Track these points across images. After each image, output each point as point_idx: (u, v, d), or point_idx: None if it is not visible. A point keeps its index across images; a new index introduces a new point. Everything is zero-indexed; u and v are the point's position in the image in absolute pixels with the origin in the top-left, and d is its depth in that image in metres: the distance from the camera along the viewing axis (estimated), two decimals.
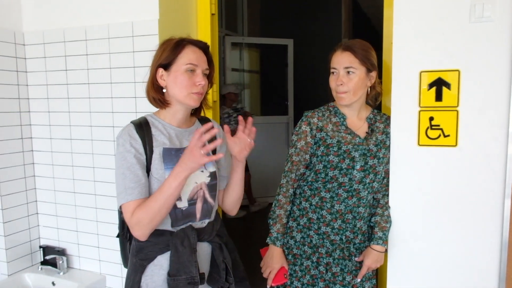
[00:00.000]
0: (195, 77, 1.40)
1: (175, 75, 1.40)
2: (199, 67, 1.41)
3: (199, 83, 1.39)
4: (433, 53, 1.59)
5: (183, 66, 1.39)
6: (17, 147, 2.28)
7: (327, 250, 1.69)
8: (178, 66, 1.39)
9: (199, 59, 1.42)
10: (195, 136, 1.24)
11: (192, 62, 1.39)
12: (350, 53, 1.62)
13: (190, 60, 1.39)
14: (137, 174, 1.34)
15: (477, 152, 1.56)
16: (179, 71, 1.39)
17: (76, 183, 2.28)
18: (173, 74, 1.40)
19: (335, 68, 1.65)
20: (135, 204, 1.32)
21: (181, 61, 1.39)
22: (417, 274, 1.69)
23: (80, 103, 2.21)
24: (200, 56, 1.43)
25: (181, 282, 1.36)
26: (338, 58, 1.64)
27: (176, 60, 1.39)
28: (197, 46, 1.44)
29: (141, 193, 1.33)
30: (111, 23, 2.08)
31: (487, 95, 1.54)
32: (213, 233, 1.49)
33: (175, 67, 1.40)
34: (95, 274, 2.27)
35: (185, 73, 1.39)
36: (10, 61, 2.23)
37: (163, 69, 1.42)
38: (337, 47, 1.68)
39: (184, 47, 1.40)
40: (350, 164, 1.62)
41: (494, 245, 1.57)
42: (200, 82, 1.40)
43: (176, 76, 1.39)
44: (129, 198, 1.32)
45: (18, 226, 2.30)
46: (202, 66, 1.42)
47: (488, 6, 1.50)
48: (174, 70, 1.40)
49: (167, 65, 1.41)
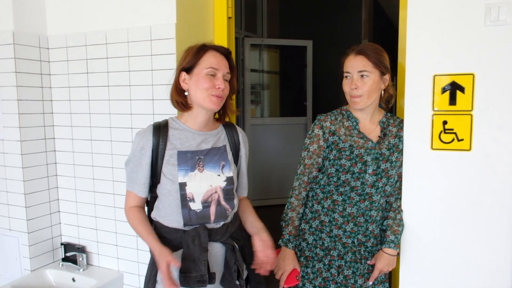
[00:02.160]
0: (215, 80, 1.45)
1: (196, 78, 1.45)
2: (220, 71, 1.46)
3: (218, 86, 1.44)
4: (447, 56, 1.58)
5: (204, 69, 1.44)
6: (40, 147, 2.36)
7: (339, 253, 1.69)
8: (200, 69, 1.44)
9: (220, 63, 1.46)
10: (166, 268, 1.35)
11: (212, 66, 1.44)
12: (363, 57, 1.63)
13: (211, 64, 1.44)
14: (138, 175, 1.50)
15: (490, 155, 1.55)
16: (200, 74, 1.44)
17: (96, 182, 2.35)
18: (195, 77, 1.45)
19: (348, 72, 1.65)
20: (133, 197, 1.53)
21: (203, 65, 1.44)
22: (429, 278, 1.68)
23: (100, 105, 2.28)
24: (221, 60, 1.48)
25: (191, 279, 1.40)
26: (351, 62, 1.65)
27: (198, 64, 1.45)
28: (219, 51, 1.49)
29: (139, 191, 1.53)
30: (130, 27, 2.14)
31: (501, 100, 1.52)
32: (226, 235, 1.52)
33: (197, 71, 1.45)
34: (113, 272, 2.33)
35: (206, 76, 1.44)
36: (34, 64, 2.31)
37: (185, 72, 1.47)
38: (350, 51, 1.68)
39: (206, 52, 1.46)
40: (362, 168, 1.63)
41: (507, 248, 1.55)
42: (219, 86, 1.44)
43: (198, 79, 1.45)
44: (130, 189, 1.53)
45: (40, 224, 2.38)
46: (223, 70, 1.47)
47: (504, 9, 1.48)
48: (195, 73, 1.45)
49: (190, 68, 1.46)
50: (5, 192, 2.34)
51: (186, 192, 1.45)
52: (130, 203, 1.54)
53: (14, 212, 2.33)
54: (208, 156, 1.50)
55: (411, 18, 1.63)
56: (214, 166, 1.50)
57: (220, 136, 1.56)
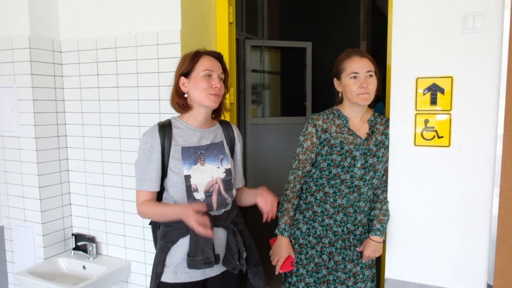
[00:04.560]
0: (211, 80, 1.60)
1: (194, 80, 1.61)
2: (215, 72, 1.62)
3: (215, 86, 1.60)
4: (428, 61, 1.73)
5: (201, 72, 1.60)
6: (53, 144, 2.52)
7: (330, 241, 1.85)
8: (197, 73, 1.60)
9: (214, 65, 1.63)
10: (197, 209, 1.49)
11: (208, 68, 1.60)
12: (367, 59, 1.78)
13: (206, 67, 1.60)
14: (148, 171, 1.62)
15: (468, 152, 1.70)
16: (198, 77, 1.60)
17: (105, 177, 2.50)
18: (193, 80, 1.61)
19: (357, 73, 1.75)
20: (145, 194, 1.64)
21: (199, 68, 1.60)
22: (412, 264, 1.83)
23: (109, 104, 2.44)
24: (214, 63, 1.64)
25: (198, 262, 1.56)
26: (358, 64, 1.76)
27: (195, 68, 1.61)
28: (212, 55, 1.65)
29: (150, 186, 1.63)
30: (138, 33, 2.29)
31: (477, 100, 1.67)
32: (228, 221, 1.68)
33: (194, 74, 1.61)
34: (121, 260, 2.49)
35: (203, 78, 1.59)
36: (48, 67, 2.47)
37: (184, 77, 1.63)
38: (351, 54, 1.79)
39: (200, 57, 1.62)
40: (352, 162, 1.78)
41: (484, 239, 1.70)
42: (216, 85, 1.60)
43: (196, 81, 1.60)
44: (140, 187, 1.64)
45: (53, 215, 2.54)
46: (217, 71, 1.63)
47: (479, 18, 1.63)
48: (193, 76, 1.61)
49: (187, 73, 1.62)
50: (21, 186, 2.51)
51: (191, 184, 1.61)
52: (142, 200, 1.66)
53: (29, 204, 2.49)
54: (208, 151, 1.66)
55: (396, 25, 1.78)
56: (214, 160, 1.66)
57: (218, 132, 1.72)
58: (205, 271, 1.64)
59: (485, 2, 1.62)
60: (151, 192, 1.66)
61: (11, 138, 2.49)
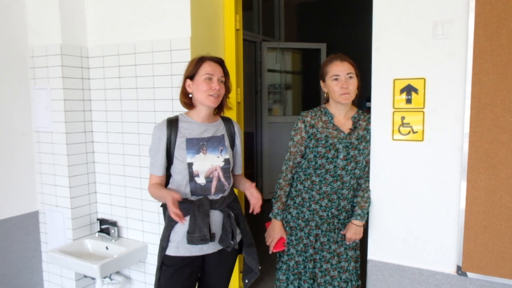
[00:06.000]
0: (211, 83, 1.86)
1: (197, 83, 1.87)
2: (215, 76, 1.87)
3: (214, 88, 1.86)
4: (403, 64, 1.93)
5: (202, 76, 1.86)
6: (81, 139, 2.85)
7: (317, 224, 2.08)
8: (199, 76, 1.87)
9: (215, 70, 1.88)
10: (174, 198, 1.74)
11: (208, 73, 1.86)
12: (347, 63, 2.01)
13: (207, 71, 1.86)
14: (157, 158, 1.91)
15: (439, 145, 1.89)
16: (200, 80, 1.86)
17: (126, 168, 2.81)
18: (196, 82, 1.88)
19: (338, 75, 1.99)
20: (154, 177, 1.93)
21: (201, 72, 1.86)
22: (391, 247, 2.03)
23: (129, 104, 2.74)
24: (215, 68, 1.89)
25: (196, 238, 1.82)
26: (339, 67, 2.00)
27: (198, 72, 1.87)
28: (213, 61, 1.91)
29: (159, 171, 1.92)
30: (154, 40, 2.58)
31: (446, 99, 1.86)
32: (223, 204, 1.93)
33: (197, 77, 1.87)
34: (139, 242, 2.79)
35: (204, 81, 1.86)
36: (77, 71, 2.80)
37: (189, 79, 1.90)
38: (332, 59, 2.04)
39: (203, 62, 1.88)
40: (335, 154, 2.01)
41: (453, 225, 1.89)
42: (215, 87, 1.86)
43: (198, 83, 1.87)
44: (151, 172, 1.93)
45: (81, 202, 2.87)
46: (217, 75, 1.88)
47: (447, 25, 1.83)
48: (196, 79, 1.87)
49: (192, 76, 1.89)
50: (53, 175, 2.85)
51: (193, 170, 1.88)
52: (151, 182, 1.96)
53: (60, 191, 2.83)
54: (209, 142, 1.92)
55: (375, 32, 1.99)
56: (214, 150, 1.93)
57: (219, 127, 1.98)
58: (203, 247, 1.90)
59: (452, 11, 1.82)
60: (159, 176, 1.94)
61: (45, 133, 2.84)
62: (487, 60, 1.77)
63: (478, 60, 1.78)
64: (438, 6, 1.84)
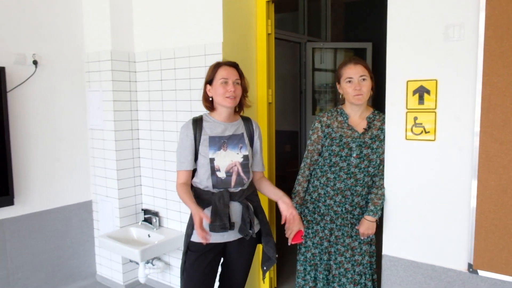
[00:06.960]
0: (227, 86, 2.04)
1: (215, 87, 2.06)
2: (230, 79, 2.05)
3: (230, 90, 2.03)
4: (416, 66, 1.99)
5: (219, 80, 2.04)
6: (128, 136, 3.16)
7: (331, 218, 2.19)
8: (216, 81, 2.05)
9: (230, 73, 2.06)
10: (199, 221, 1.90)
11: (224, 77, 2.04)
12: (361, 65, 2.11)
13: (223, 76, 2.04)
14: (185, 155, 2.09)
15: (450, 144, 1.93)
16: (217, 84, 2.05)
17: (166, 163, 3.07)
18: (214, 86, 2.06)
19: (351, 77, 2.11)
20: (181, 174, 2.09)
21: (218, 77, 2.05)
22: (405, 244, 2.10)
23: (170, 104, 2.99)
24: (230, 71, 2.07)
25: (217, 226, 2.00)
26: (352, 70, 2.11)
27: (215, 77, 2.06)
28: (228, 65, 2.08)
29: (187, 167, 2.09)
30: (191, 45, 2.81)
31: (458, 100, 1.90)
32: (242, 196, 2.10)
33: (215, 82, 2.06)
34: (177, 231, 3.04)
35: (220, 85, 2.04)
36: (125, 74, 3.11)
37: (209, 84, 2.09)
38: (347, 62, 2.14)
39: (219, 68, 2.06)
40: (348, 152, 2.11)
41: (464, 220, 1.92)
42: (230, 89, 2.03)
43: (216, 87, 2.05)
44: (179, 168, 2.10)
45: (127, 193, 3.18)
46: (232, 78, 2.05)
47: (458, 28, 1.86)
48: (214, 84, 2.06)
49: (210, 81, 2.08)
50: (104, 169, 3.18)
51: (215, 165, 2.06)
52: (180, 180, 2.13)
53: (110, 183, 3.16)
54: (230, 140, 2.10)
55: (389, 35, 2.06)
56: (234, 147, 2.10)
57: (239, 126, 2.15)
58: (224, 235, 2.08)
59: (463, 15, 1.85)
60: (187, 171, 2.12)
61: (97, 131, 3.18)
62: (497, 61, 1.79)
63: (489, 61, 1.81)
64: (449, 10, 1.89)
